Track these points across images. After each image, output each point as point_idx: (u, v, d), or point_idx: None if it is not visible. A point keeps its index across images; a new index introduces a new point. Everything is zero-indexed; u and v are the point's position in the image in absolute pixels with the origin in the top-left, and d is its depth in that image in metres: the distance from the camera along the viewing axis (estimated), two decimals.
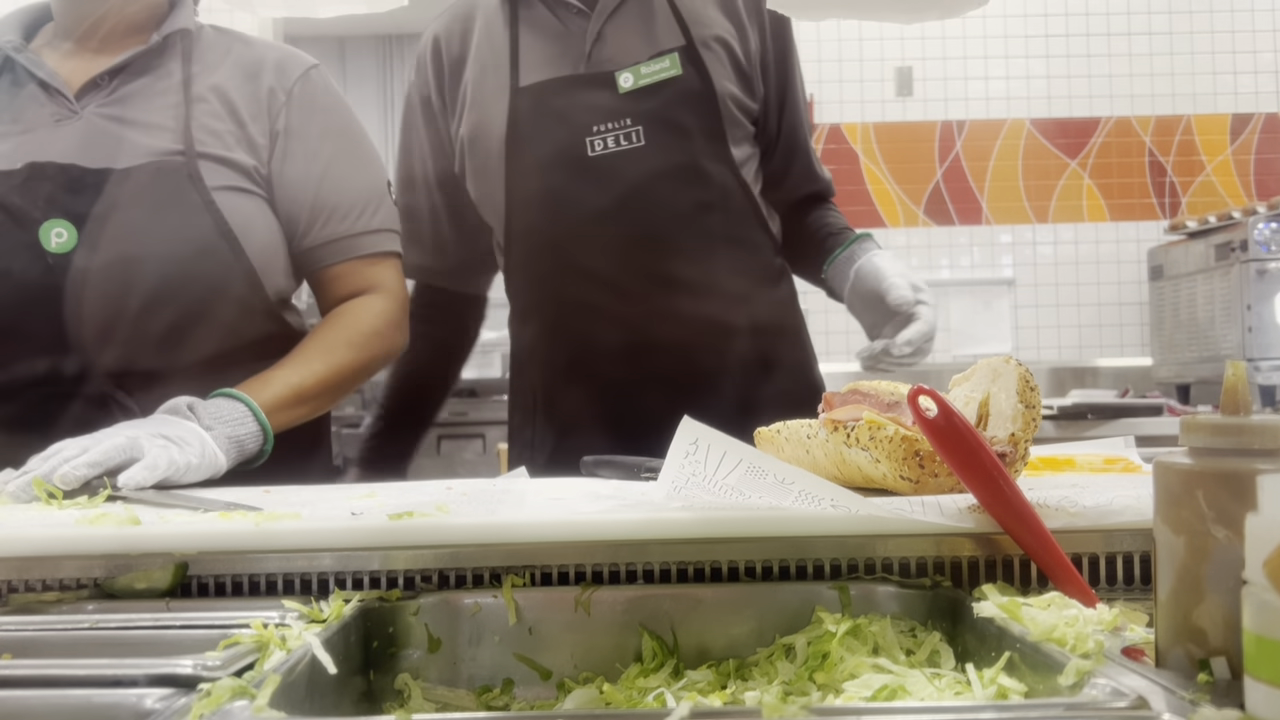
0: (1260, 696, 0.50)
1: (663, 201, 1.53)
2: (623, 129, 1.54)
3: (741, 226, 1.60)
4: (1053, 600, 0.70)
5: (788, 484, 0.83)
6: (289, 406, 1.35)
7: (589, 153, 1.53)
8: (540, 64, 1.57)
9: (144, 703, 0.58)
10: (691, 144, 1.54)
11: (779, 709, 0.51)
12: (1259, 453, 0.58)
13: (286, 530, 0.83)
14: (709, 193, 1.55)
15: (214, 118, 1.41)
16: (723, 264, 1.56)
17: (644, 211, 1.53)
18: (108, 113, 1.40)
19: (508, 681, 0.82)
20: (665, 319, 1.52)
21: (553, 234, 1.57)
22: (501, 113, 1.57)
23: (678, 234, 1.54)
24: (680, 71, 1.54)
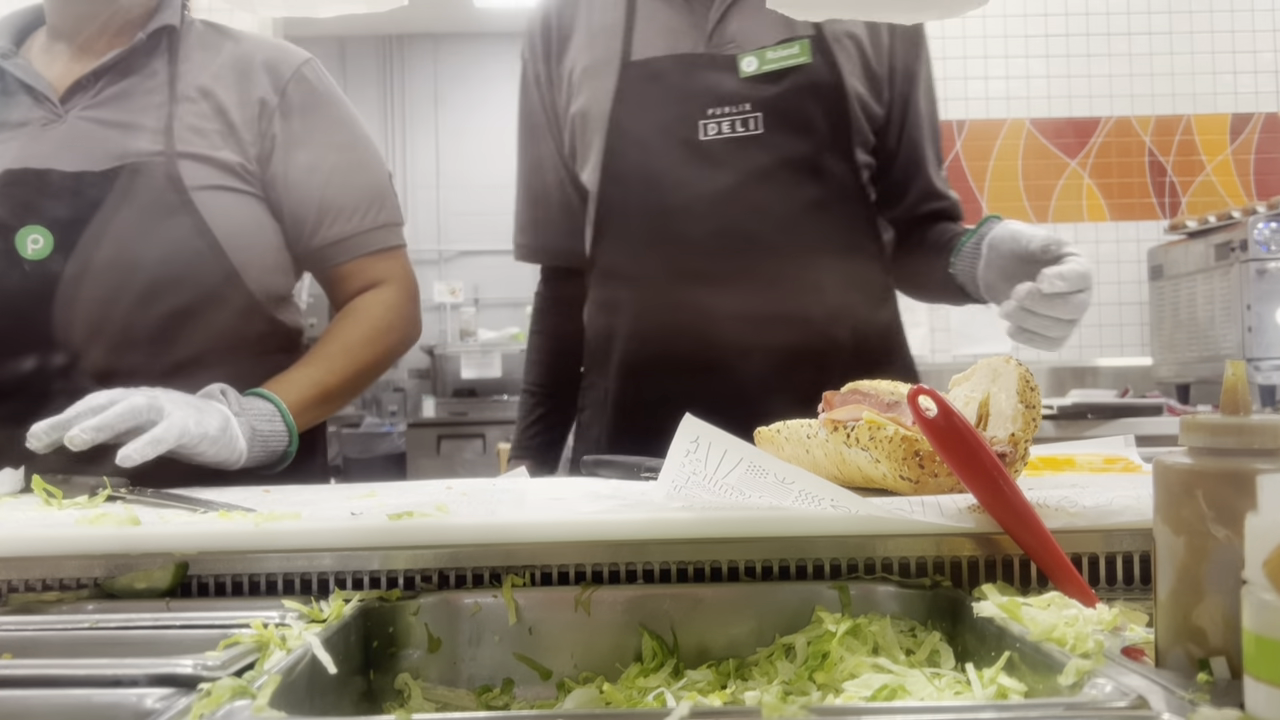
0: (1260, 696, 0.50)
1: (775, 196, 1.44)
2: (740, 114, 1.44)
3: (854, 234, 1.50)
4: (1052, 600, 0.70)
5: (788, 484, 0.83)
6: (314, 406, 1.36)
7: (700, 136, 1.44)
8: (656, 38, 1.49)
9: (144, 702, 0.58)
10: (813, 138, 1.45)
11: (779, 709, 0.51)
12: (1259, 452, 0.58)
13: (286, 530, 0.83)
14: (825, 192, 1.46)
15: (200, 117, 1.39)
16: (830, 272, 1.46)
17: (753, 205, 1.44)
18: (92, 115, 1.38)
19: (508, 681, 0.82)
20: (763, 324, 1.42)
21: (650, 220, 1.47)
22: (609, 87, 1.48)
23: (786, 234, 1.44)
24: (809, 60, 1.44)
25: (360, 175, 1.49)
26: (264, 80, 1.44)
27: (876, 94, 1.51)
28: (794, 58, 1.44)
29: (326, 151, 1.46)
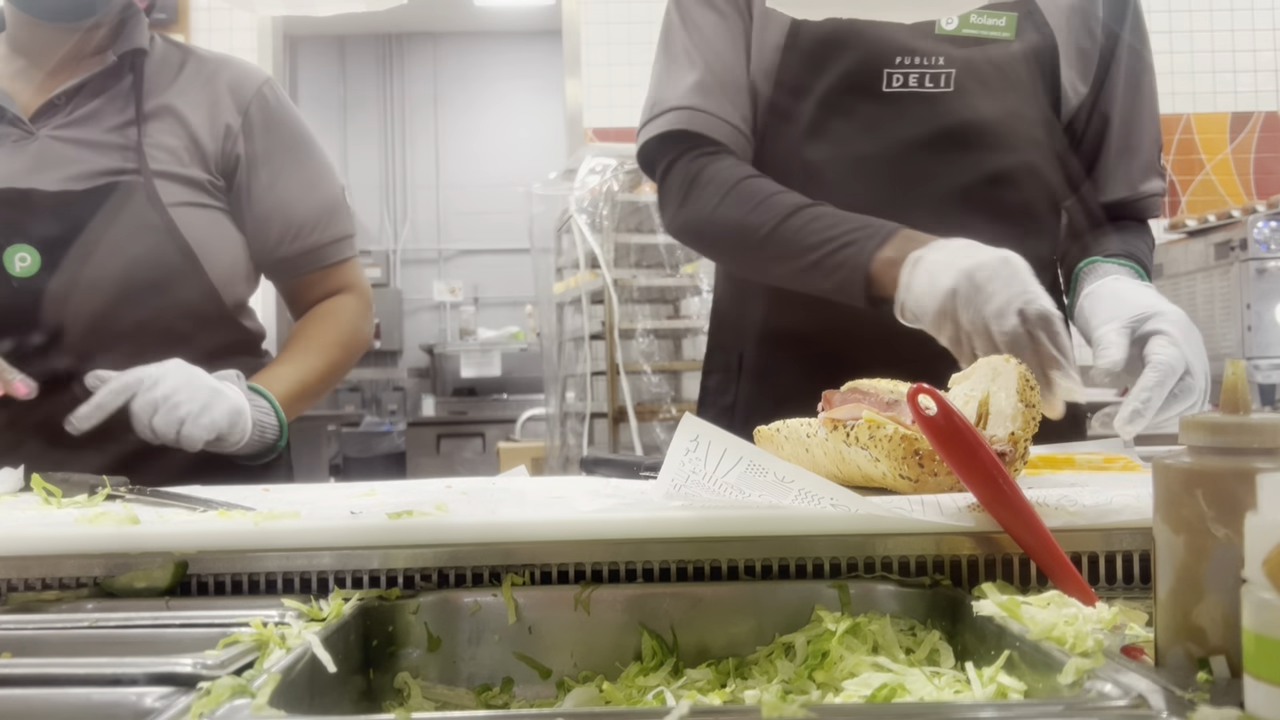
0: (1260, 695, 0.50)
1: (955, 161, 1.33)
2: (931, 68, 1.33)
3: (1034, 217, 1.38)
4: (1052, 599, 0.70)
5: (787, 482, 0.83)
6: (296, 401, 1.44)
7: (884, 86, 1.33)
8: None
9: (143, 701, 0.58)
10: (1006, 103, 1.34)
11: (778, 707, 0.51)
12: (1259, 451, 0.58)
13: (285, 529, 0.83)
14: (1009, 163, 1.35)
15: (169, 135, 1.44)
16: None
17: (929, 167, 1.33)
18: (65, 134, 1.42)
19: (507, 680, 0.82)
20: None
21: (807, 170, 1.35)
22: (782, 21, 1.35)
23: (961, 205, 1.32)
24: (1012, 36, 1.33)
25: (319, 191, 1.56)
26: (227, 101, 1.49)
27: (1085, 74, 1.40)
28: (997, 30, 1.34)
29: (286, 170, 1.52)
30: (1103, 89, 1.43)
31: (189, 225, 1.42)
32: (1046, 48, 1.36)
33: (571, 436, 3.88)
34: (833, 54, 1.33)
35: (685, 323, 3.68)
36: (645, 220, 3.51)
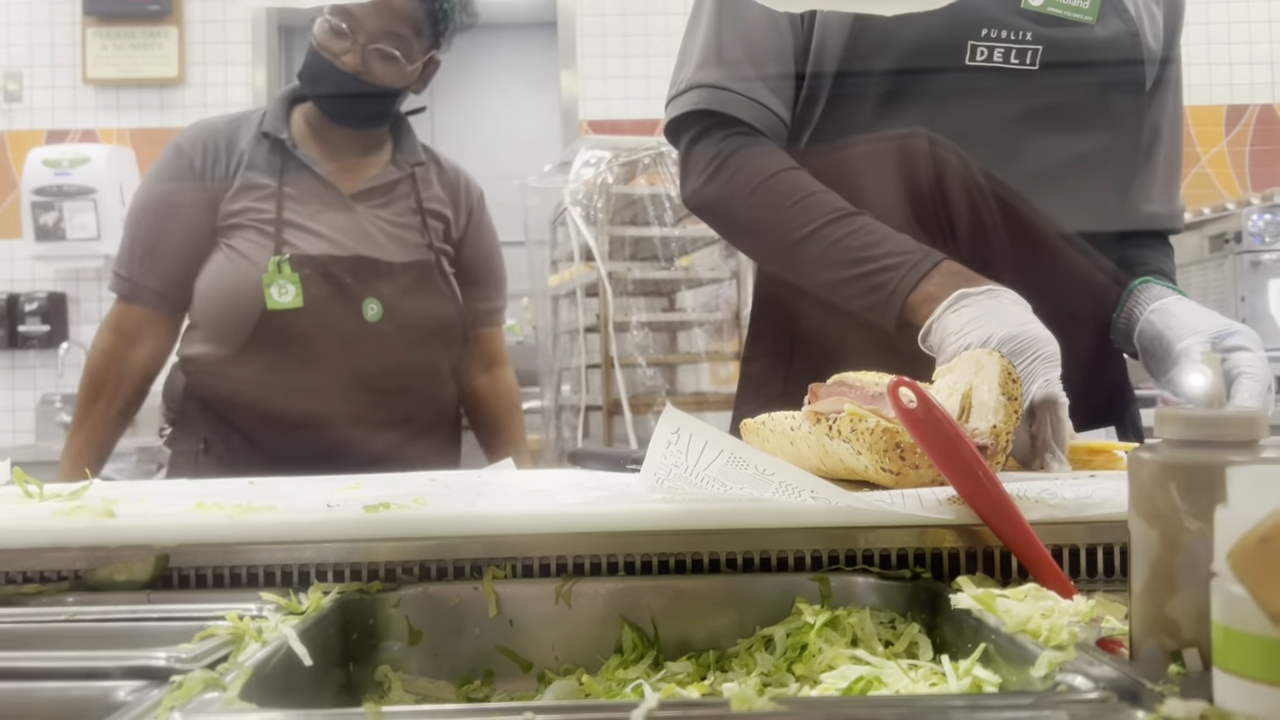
0: (1228, 688, 0.50)
1: (1037, 142, 1.29)
2: (1017, 44, 1.27)
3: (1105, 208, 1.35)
4: (1029, 592, 0.70)
5: (768, 475, 0.83)
6: None
7: (966, 59, 1.27)
8: None
9: (116, 695, 0.58)
10: (1089, 87, 1.31)
11: (747, 700, 0.51)
12: (1231, 444, 0.58)
13: (261, 523, 0.83)
14: (1089, 147, 1.32)
15: (436, 220, 1.94)
16: (1077, 247, 1.31)
17: (1010, 146, 1.29)
18: (380, 216, 1.88)
19: (488, 673, 0.82)
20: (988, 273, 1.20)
21: (875, 141, 1.31)
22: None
23: (1038, 187, 1.29)
24: (1094, 20, 1.29)
25: (499, 268, 2.09)
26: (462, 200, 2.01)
27: (1149, 74, 1.38)
28: (1079, 11, 1.29)
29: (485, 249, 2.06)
30: (1156, 97, 1.41)
31: (458, 296, 1.94)
32: (1127, 35, 1.32)
33: (567, 429, 3.88)
34: (911, 22, 1.24)
35: (680, 316, 3.67)
36: (640, 213, 3.51)
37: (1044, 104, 1.28)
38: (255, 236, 1.80)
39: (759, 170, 1.29)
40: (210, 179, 1.83)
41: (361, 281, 1.81)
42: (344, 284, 1.80)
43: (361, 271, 1.81)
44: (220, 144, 1.86)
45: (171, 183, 1.84)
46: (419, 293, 1.86)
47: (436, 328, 1.90)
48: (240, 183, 1.82)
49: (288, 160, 1.84)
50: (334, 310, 1.79)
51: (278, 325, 1.77)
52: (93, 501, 0.90)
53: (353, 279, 1.81)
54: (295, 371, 1.79)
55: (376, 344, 1.81)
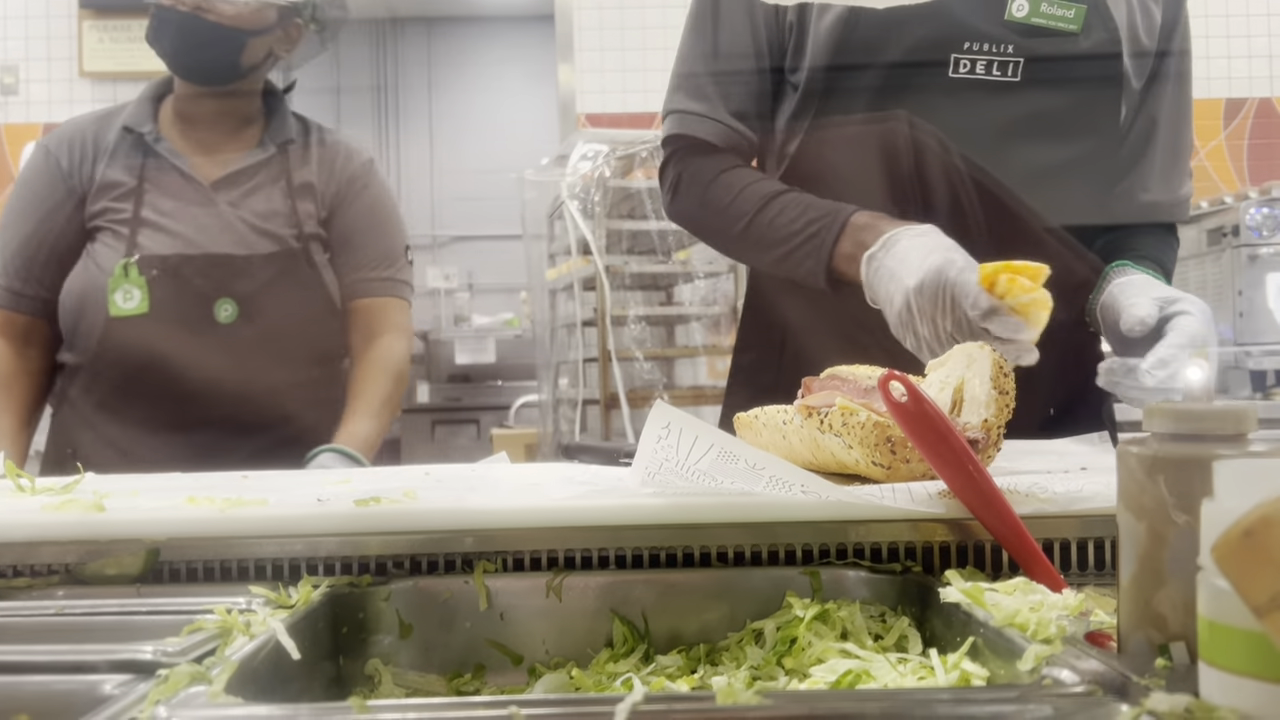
0: (1214, 682, 0.50)
1: (1017, 153, 1.31)
2: (999, 56, 1.29)
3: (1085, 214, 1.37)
4: (1018, 585, 0.70)
5: (758, 469, 0.83)
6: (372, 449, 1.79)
7: (950, 71, 1.29)
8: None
9: (102, 688, 0.58)
10: (1071, 99, 1.33)
11: (732, 694, 0.51)
12: (1219, 438, 0.58)
13: (251, 517, 0.83)
14: (1069, 157, 1.34)
15: (308, 203, 1.82)
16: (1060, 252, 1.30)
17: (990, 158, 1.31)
18: (243, 205, 1.77)
19: (479, 667, 0.82)
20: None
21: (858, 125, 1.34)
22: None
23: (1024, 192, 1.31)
24: (1079, 30, 1.30)
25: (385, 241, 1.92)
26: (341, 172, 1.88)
27: (1139, 72, 1.38)
28: (1065, 21, 1.29)
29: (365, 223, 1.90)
30: (1152, 89, 1.40)
31: (329, 280, 1.82)
32: (1111, 44, 1.33)
33: (564, 423, 3.88)
34: (896, 33, 1.29)
35: (677, 309, 3.67)
36: (637, 206, 3.50)
37: (1026, 114, 1.31)
38: (110, 239, 1.73)
39: (703, 179, 1.39)
40: (77, 179, 1.77)
41: (213, 281, 1.72)
42: (193, 285, 1.71)
43: (213, 270, 1.72)
44: (87, 143, 1.79)
45: (39, 186, 1.78)
46: (282, 287, 1.76)
47: (305, 322, 1.79)
48: (100, 182, 1.76)
49: (149, 156, 1.77)
50: (183, 315, 1.71)
51: (124, 333, 1.69)
52: (83, 495, 0.90)
53: (203, 279, 1.72)
54: (151, 379, 1.71)
55: (234, 346, 1.72)
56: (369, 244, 1.88)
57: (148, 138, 1.78)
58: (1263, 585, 0.45)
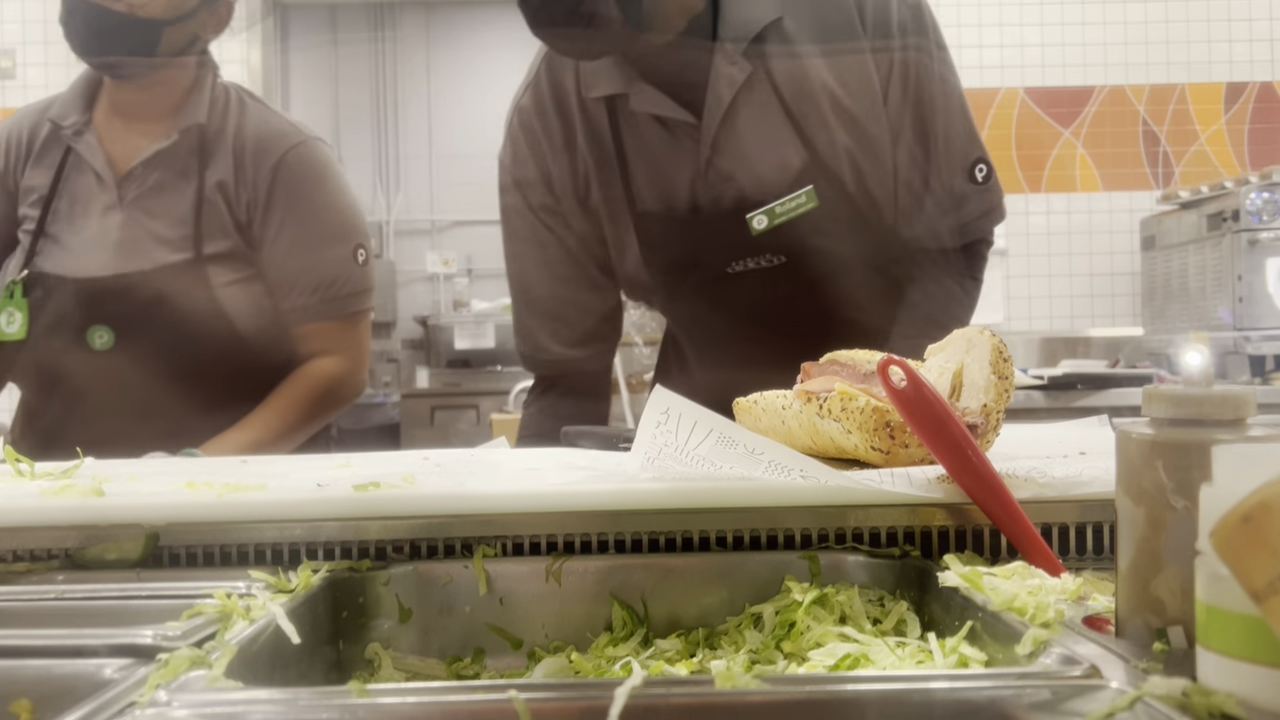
0: (1211, 666, 0.50)
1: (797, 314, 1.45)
2: (764, 257, 1.42)
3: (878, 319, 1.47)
4: (1016, 570, 0.70)
5: (757, 454, 0.83)
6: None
7: (729, 270, 1.44)
8: (655, 184, 1.43)
9: (102, 672, 0.58)
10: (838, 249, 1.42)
11: (731, 678, 0.51)
12: (1218, 423, 0.58)
13: (251, 502, 0.83)
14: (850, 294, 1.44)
15: (219, 212, 1.63)
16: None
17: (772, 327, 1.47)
18: (140, 207, 1.62)
19: (479, 651, 0.83)
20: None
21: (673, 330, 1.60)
22: (627, 221, 1.46)
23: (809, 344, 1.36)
24: (816, 204, 1.37)
25: (320, 253, 1.70)
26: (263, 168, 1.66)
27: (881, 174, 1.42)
28: (801, 206, 1.37)
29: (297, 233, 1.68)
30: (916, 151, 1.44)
31: (232, 301, 1.64)
32: (850, 179, 1.39)
33: None
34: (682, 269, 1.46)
35: None
36: None
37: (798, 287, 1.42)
38: (17, 252, 1.64)
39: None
40: (12, 181, 1.67)
41: (85, 306, 1.59)
42: (67, 311, 1.59)
43: (87, 294, 1.59)
44: (22, 140, 1.67)
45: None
46: (167, 306, 1.59)
47: (192, 343, 1.61)
48: (24, 185, 1.65)
49: (69, 153, 1.64)
50: (57, 342, 1.59)
51: (6, 357, 1.62)
52: (83, 480, 0.90)
53: (76, 303, 1.59)
54: (46, 402, 1.63)
55: (114, 375, 1.59)
56: (301, 260, 1.67)
57: (67, 133, 1.65)
58: (1261, 570, 0.45)
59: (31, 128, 1.68)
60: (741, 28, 1.32)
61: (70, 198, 1.63)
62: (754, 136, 1.37)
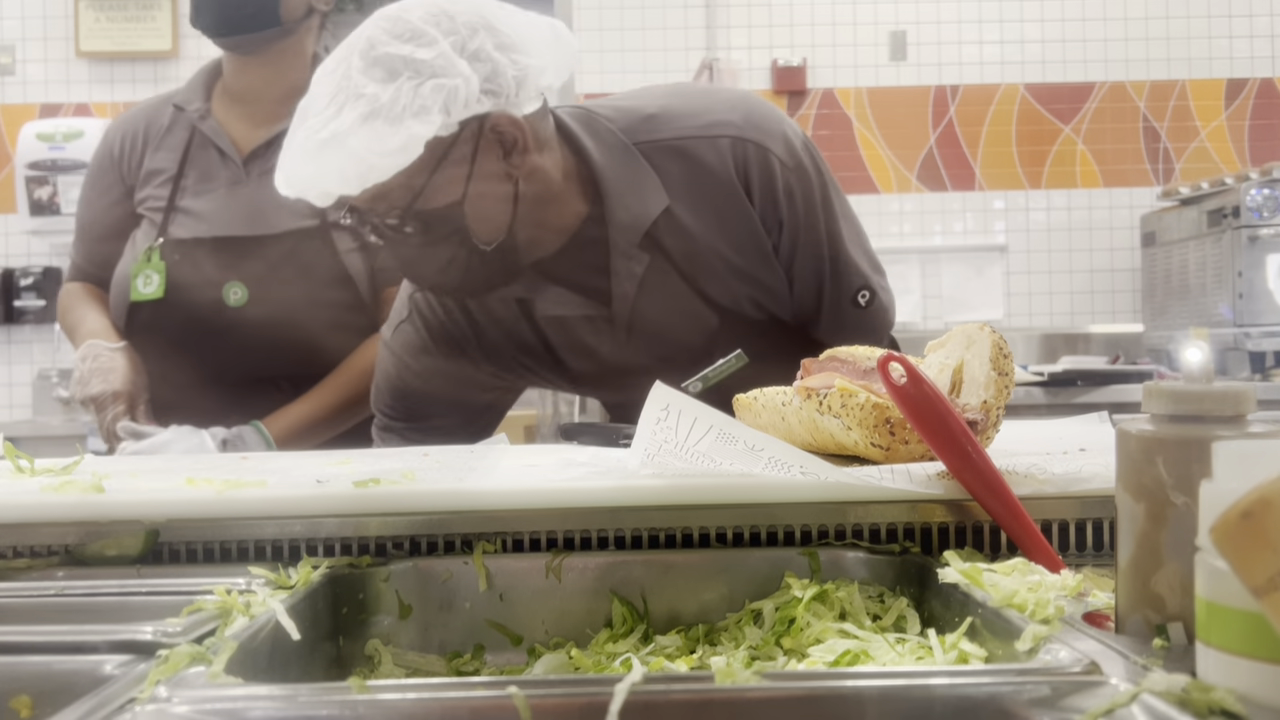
0: (1210, 661, 0.50)
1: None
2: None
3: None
4: (1016, 566, 0.70)
5: (757, 451, 0.83)
6: (302, 436, 1.69)
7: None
8: (581, 354, 1.42)
9: (103, 669, 0.58)
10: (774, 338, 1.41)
11: (730, 674, 0.51)
12: (1218, 419, 0.58)
13: (250, 498, 0.83)
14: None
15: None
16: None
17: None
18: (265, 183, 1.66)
19: (479, 647, 0.83)
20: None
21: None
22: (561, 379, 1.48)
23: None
24: (747, 361, 1.28)
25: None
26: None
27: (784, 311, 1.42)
28: (733, 367, 1.30)
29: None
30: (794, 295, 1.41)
31: (355, 266, 1.73)
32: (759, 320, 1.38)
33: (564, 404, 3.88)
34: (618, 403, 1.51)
35: None
36: None
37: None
38: (147, 226, 1.76)
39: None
40: (126, 167, 1.80)
41: (223, 264, 1.71)
42: (205, 269, 1.71)
43: (223, 253, 1.71)
44: (139, 129, 1.81)
45: (94, 172, 1.83)
46: (295, 267, 1.71)
47: (319, 303, 1.72)
48: (147, 169, 1.78)
49: (194, 134, 1.78)
50: (194, 299, 1.71)
51: (144, 318, 1.72)
52: (83, 477, 0.90)
53: (213, 262, 1.71)
54: (171, 364, 1.72)
55: (245, 331, 1.70)
56: None
57: (193, 115, 1.77)
58: (1261, 566, 0.45)
59: (148, 120, 1.81)
60: (633, 224, 1.31)
61: (198, 175, 1.75)
62: (665, 312, 1.37)
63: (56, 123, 4.13)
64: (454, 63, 1.18)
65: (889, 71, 4.09)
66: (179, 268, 1.71)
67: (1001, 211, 4.11)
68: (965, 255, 4.08)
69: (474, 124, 1.21)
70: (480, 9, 1.24)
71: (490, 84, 1.20)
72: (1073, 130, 4.09)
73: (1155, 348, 3.79)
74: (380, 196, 1.20)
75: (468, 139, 1.21)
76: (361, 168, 1.16)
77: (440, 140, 1.18)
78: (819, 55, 4.10)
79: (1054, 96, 4.09)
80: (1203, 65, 4.09)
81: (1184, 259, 3.61)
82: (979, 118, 4.08)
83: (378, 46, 1.19)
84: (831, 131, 4.06)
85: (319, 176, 1.18)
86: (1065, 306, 4.11)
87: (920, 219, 4.11)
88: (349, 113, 1.16)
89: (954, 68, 4.08)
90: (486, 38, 1.21)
